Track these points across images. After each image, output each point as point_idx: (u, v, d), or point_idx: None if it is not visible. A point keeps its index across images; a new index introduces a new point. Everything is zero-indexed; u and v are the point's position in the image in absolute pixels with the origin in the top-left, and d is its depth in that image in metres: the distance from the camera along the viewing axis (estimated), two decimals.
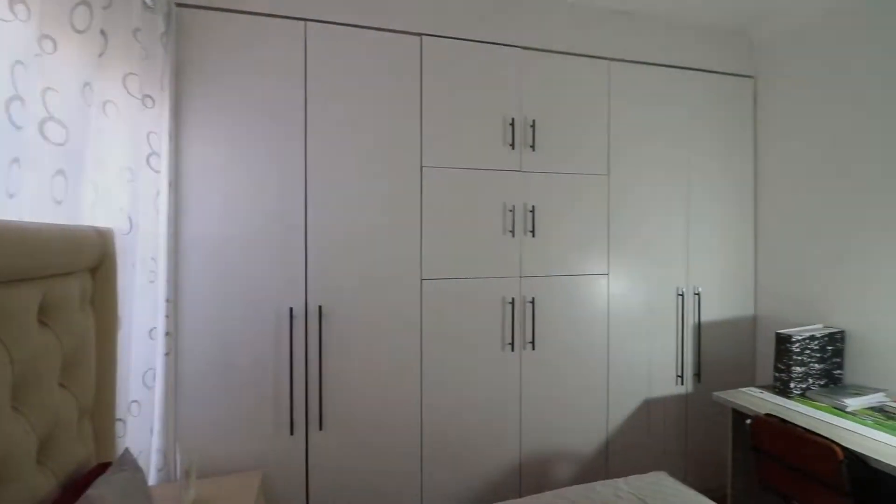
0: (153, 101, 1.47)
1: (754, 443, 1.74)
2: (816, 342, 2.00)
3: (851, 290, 2.05)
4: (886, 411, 1.77)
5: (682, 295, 2.31)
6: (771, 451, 1.68)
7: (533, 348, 2.05)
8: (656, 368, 2.28)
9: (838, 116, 2.10)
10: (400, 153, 1.89)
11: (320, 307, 1.77)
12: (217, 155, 1.70)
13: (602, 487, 1.60)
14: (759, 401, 1.92)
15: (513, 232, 2.03)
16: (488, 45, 2.01)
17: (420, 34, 1.91)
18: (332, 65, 1.81)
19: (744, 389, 2.08)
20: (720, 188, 2.41)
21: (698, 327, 2.35)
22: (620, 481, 1.63)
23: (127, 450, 1.08)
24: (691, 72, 2.36)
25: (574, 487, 1.62)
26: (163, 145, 1.53)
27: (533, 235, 2.06)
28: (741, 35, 2.46)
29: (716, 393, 2.05)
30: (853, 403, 1.80)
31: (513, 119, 2.03)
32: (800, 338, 1.96)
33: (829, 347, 2.03)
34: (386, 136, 1.87)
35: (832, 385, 2.02)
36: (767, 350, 2.28)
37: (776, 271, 2.39)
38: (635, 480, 1.62)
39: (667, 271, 2.30)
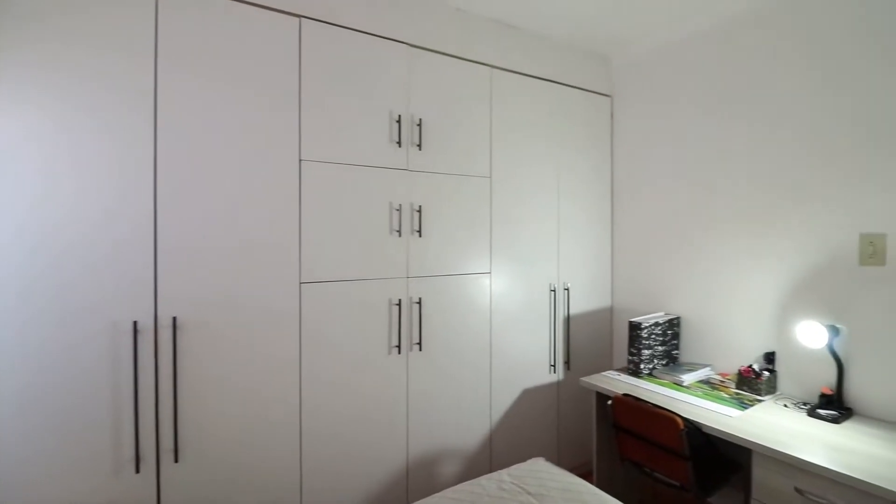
0: None
1: (614, 420, 1.95)
2: (659, 327, 2.32)
3: (685, 283, 2.43)
4: (711, 383, 2.13)
5: (554, 291, 2.51)
6: (627, 427, 1.90)
7: (420, 349, 2.03)
8: (533, 360, 2.44)
9: (677, 134, 2.47)
10: (275, 144, 1.70)
11: (175, 318, 1.51)
12: (32, 132, 1.34)
13: (486, 481, 1.64)
14: (617, 382, 2.17)
15: (399, 232, 1.99)
16: (376, 38, 1.93)
17: (300, 16, 1.75)
18: (191, 40, 1.55)
19: (604, 373, 2.33)
20: (585, 196, 2.67)
21: (568, 320, 2.57)
22: (503, 472, 1.69)
23: None
24: (563, 87, 2.57)
25: (460, 486, 1.64)
26: None
27: (419, 235, 2.04)
28: (602, 58, 2.76)
29: (582, 378, 2.26)
30: (688, 378, 2.13)
31: (399, 116, 1.99)
32: (647, 324, 2.26)
33: (669, 331, 2.38)
34: (258, 124, 1.67)
35: (672, 364, 2.37)
36: (622, 337, 2.60)
37: (628, 268, 2.74)
38: (516, 470, 1.70)
39: (541, 269, 2.47)
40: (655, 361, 2.31)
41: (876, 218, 1.75)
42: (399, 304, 1.98)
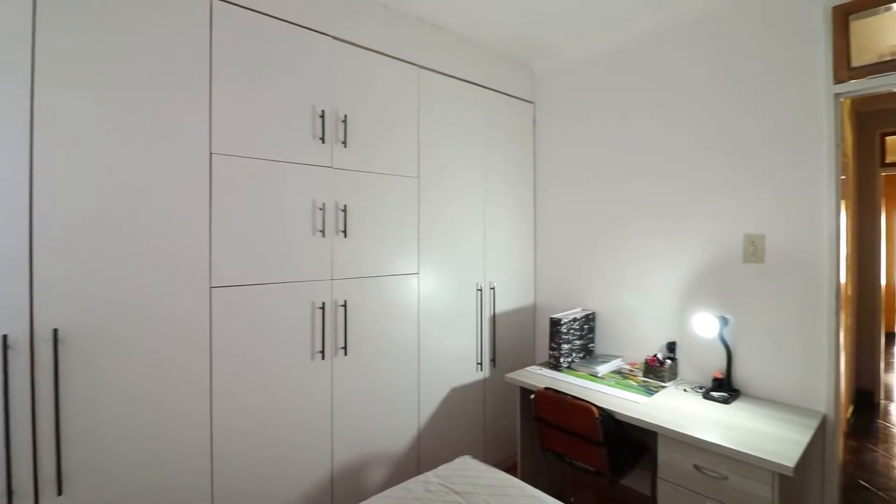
0: None
1: (536, 413, 2.03)
2: (577, 323, 2.46)
3: (600, 281, 2.60)
4: (622, 373, 2.29)
5: (480, 290, 2.56)
6: (548, 419, 1.99)
7: (345, 353, 1.97)
8: (460, 358, 2.47)
9: (592, 142, 2.64)
10: (180, 136, 1.54)
11: (56, 331, 1.32)
12: None
13: (414, 484, 1.62)
14: (539, 376, 2.26)
15: (323, 232, 1.90)
16: (298, 27, 1.83)
17: None
18: (77, 19, 1.36)
19: (528, 368, 2.43)
20: (510, 198, 2.76)
21: (494, 318, 2.64)
22: (430, 474, 1.69)
23: None
24: (490, 91, 2.63)
25: (387, 491, 1.61)
26: None
27: (345, 236, 1.97)
28: (525, 65, 2.87)
29: (507, 375, 2.33)
30: (602, 369, 2.28)
31: (323, 112, 1.90)
32: (566, 320, 2.38)
33: (586, 326, 2.53)
34: (158, 113, 1.50)
35: (588, 356, 2.52)
36: (544, 332, 2.72)
37: (550, 267, 2.87)
38: (443, 470, 1.71)
39: (469, 269, 2.51)
40: (574, 355, 2.44)
41: (757, 220, 1.99)
42: (323, 308, 1.90)
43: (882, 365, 3.92)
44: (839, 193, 1.79)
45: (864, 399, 3.80)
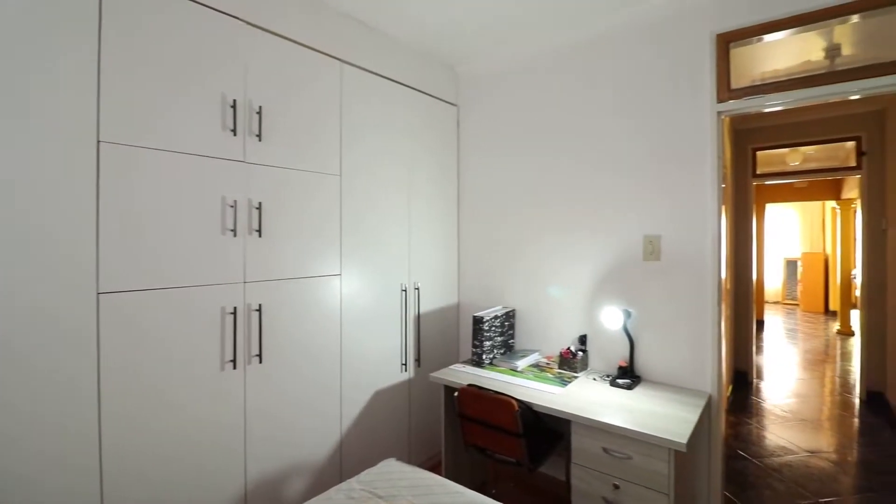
0: None
1: (459, 410, 2.07)
2: (498, 320, 2.55)
3: (519, 279, 2.71)
4: (540, 366, 2.41)
5: (405, 290, 2.55)
6: (471, 415, 2.03)
7: (261, 361, 1.85)
8: (384, 360, 2.44)
9: (511, 147, 2.74)
10: (61, 117, 1.35)
11: None
12: None
13: (335, 493, 1.57)
14: (463, 374, 2.31)
15: (234, 231, 1.77)
16: (205, 7, 1.68)
17: None
18: None
19: (452, 367, 2.46)
20: (434, 198, 2.78)
21: (418, 318, 2.64)
22: (353, 480, 1.65)
23: None
24: (414, 91, 2.62)
25: (308, 502, 1.54)
26: None
27: (260, 235, 1.85)
28: (449, 68, 2.91)
29: (431, 374, 2.35)
30: (521, 364, 2.38)
31: (235, 101, 1.77)
32: (488, 318, 2.45)
33: (507, 323, 2.63)
34: (33, 86, 1.30)
35: (509, 352, 2.62)
36: (468, 331, 2.78)
37: (473, 266, 2.94)
38: (366, 475, 1.67)
39: (393, 270, 2.49)
40: (495, 351, 2.52)
41: (655, 223, 2.20)
42: (234, 313, 1.76)
43: (754, 349, 4.55)
44: (720, 200, 2.04)
45: (741, 379, 4.38)
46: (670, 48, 2.15)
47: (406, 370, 2.56)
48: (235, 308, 1.76)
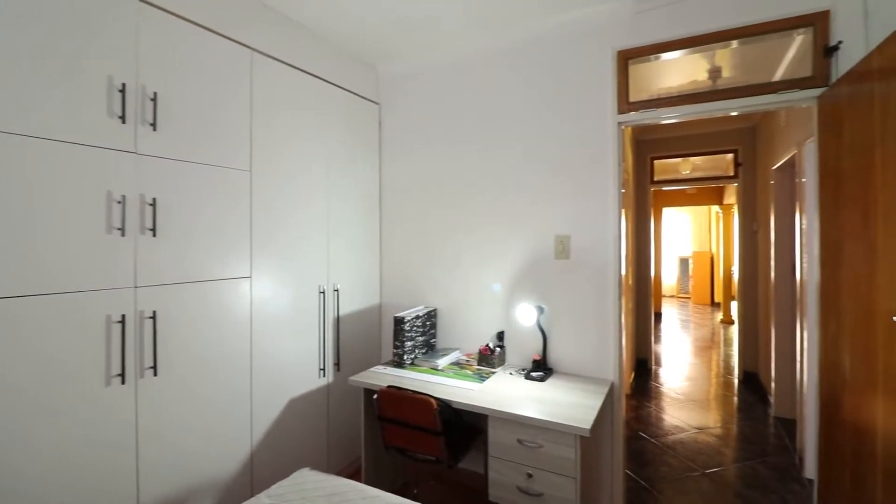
0: None
1: (379, 413, 2.04)
2: (420, 320, 2.55)
3: (441, 278, 2.74)
4: (460, 363, 2.45)
5: (323, 292, 2.46)
6: (391, 417, 2.01)
7: (155, 374, 1.67)
8: (301, 366, 2.33)
9: (433, 148, 2.76)
10: None
11: None
12: None
13: None
14: (384, 376, 2.28)
15: (123, 230, 1.59)
16: None
17: None
18: None
19: (372, 369, 2.42)
20: (355, 197, 2.72)
21: (338, 321, 2.56)
22: (262, 495, 1.55)
23: None
24: (334, 87, 2.54)
25: None
26: None
27: (154, 235, 1.68)
28: (370, 66, 2.86)
29: (351, 377, 2.29)
30: (442, 362, 2.40)
31: (124, 85, 1.59)
32: (409, 318, 2.45)
33: (428, 322, 2.64)
34: None
35: (430, 351, 2.63)
36: (390, 332, 2.75)
37: (395, 266, 2.91)
38: (277, 489, 1.58)
39: (310, 271, 2.39)
40: (417, 351, 2.52)
41: (565, 224, 2.33)
42: (123, 321, 1.58)
43: (653, 338, 5.01)
44: (620, 203, 2.22)
45: (642, 366, 4.80)
46: (579, 62, 2.30)
47: (324, 375, 2.47)
48: (124, 316, 1.58)
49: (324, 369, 2.46)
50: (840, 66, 1.77)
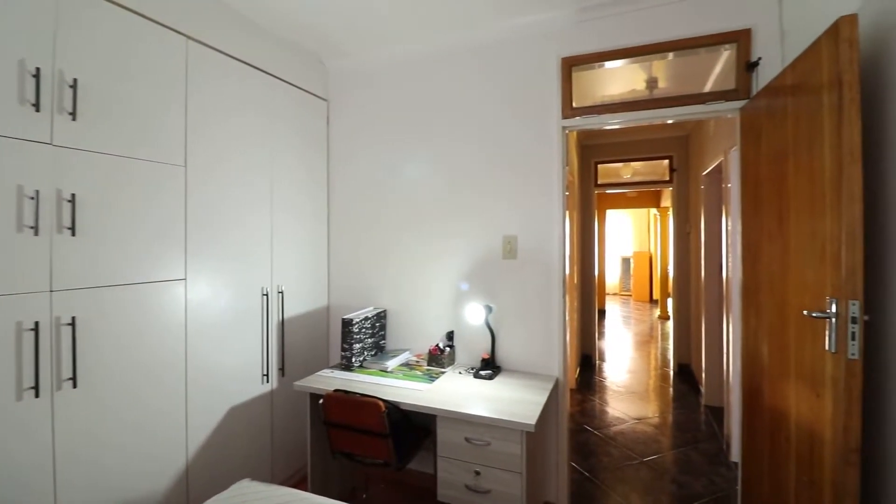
0: None
1: (325, 418, 1.99)
2: (369, 321, 2.51)
3: (390, 279, 2.71)
4: (410, 364, 2.44)
5: (266, 295, 2.37)
6: (337, 421, 1.96)
7: (74, 386, 1.53)
8: (242, 372, 2.23)
9: (382, 147, 2.73)
10: None
11: None
12: None
13: None
14: (331, 379, 2.22)
15: (36, 228, 1.44)
16: None
17: None
18: None
19: (319, 373, 2.36)
20: (301, 197, 2.63)
21: (282, 324, 2.47)
22: None
23: None
24: (278, 81, 2.45)
25: None
26: None
27: (73, 234, 1.54)
28: (318, 61, 2.78)
29: (296, 382, 2.22)
30: (391, 364, 2.38)
31: (38, 70, 1.44)
32: (358, 319, 2.41)
33: (377, 324, 2.61)
34: None
35: (380, 353, 2.60)
36: (338, 334, 2.69)
37: (343, 267, 2.85)
38: (213, 502, 1.50)
39: (252, 273, 2.29)
40: (366, 353, 2.48)
41: (513, 224, 2.38)
42: (36, 329, 1.44)
43: (597, 334, 5.24)
44: (565, 205, 2.29)
45: (587, 361, 5.00)
46: (527, 67, 2.36)
47: (268, 381, 2.37)
48: (37, 323, 1.44)
49: (267, 375, 2.36)
50: (760, 81, 1.93)
